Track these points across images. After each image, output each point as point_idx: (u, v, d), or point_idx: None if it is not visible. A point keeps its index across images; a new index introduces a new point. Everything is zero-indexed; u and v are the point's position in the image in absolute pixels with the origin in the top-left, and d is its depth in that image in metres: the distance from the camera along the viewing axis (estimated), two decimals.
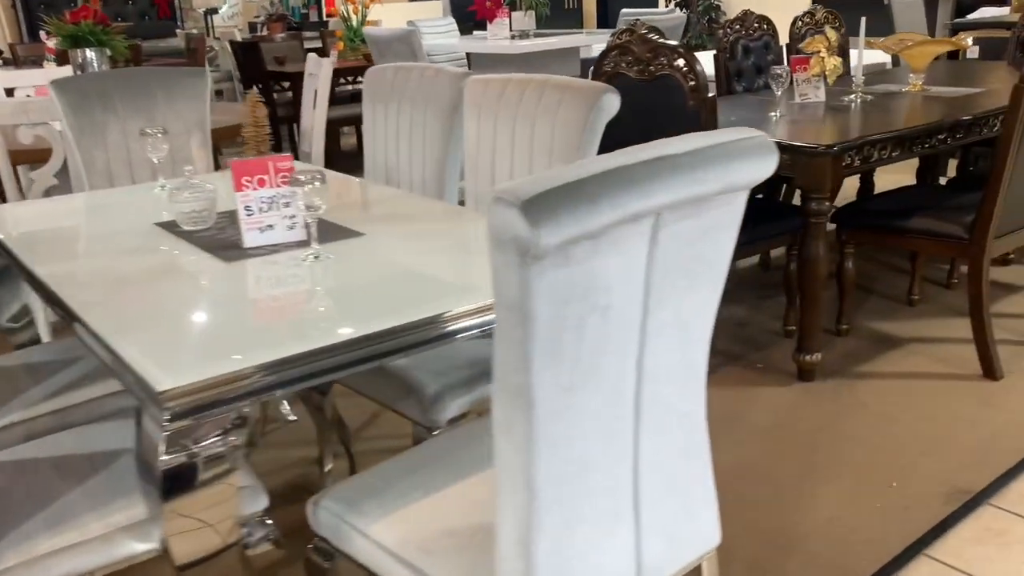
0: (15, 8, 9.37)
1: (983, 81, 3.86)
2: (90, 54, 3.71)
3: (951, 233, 2.87)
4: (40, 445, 1.70)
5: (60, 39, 3.77)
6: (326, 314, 1.48)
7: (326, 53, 7.33)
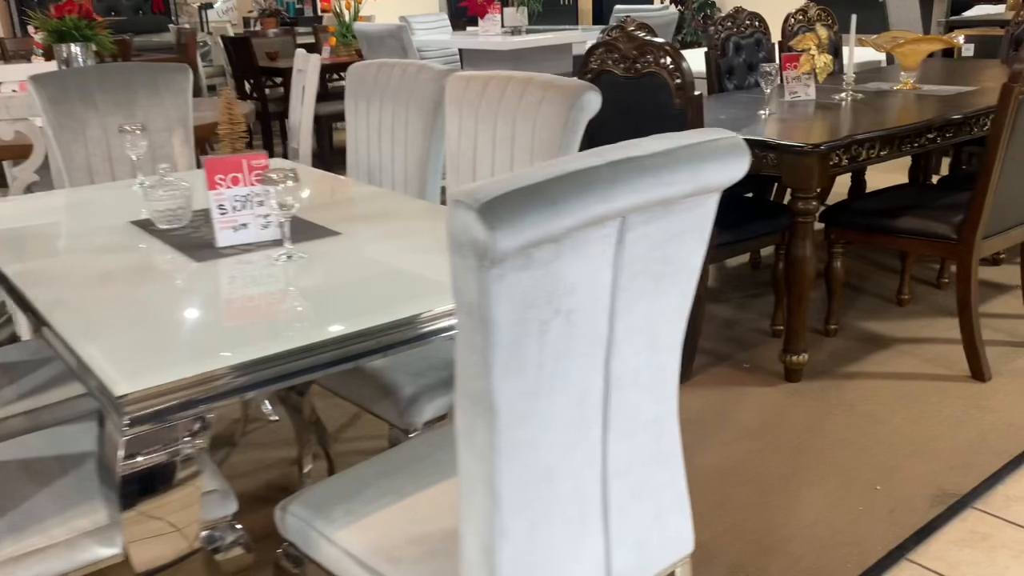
0: (7, 2, 9.32)
1: (976, 79, 3.84)
2: (75, 49, 3.68)
3: (939, 233, 2.84)
4: (10, 446, 1.67)
5: (45, 34, 3.73)
6: (297, 315, 1.46)
7: (319, 49, 7.30)
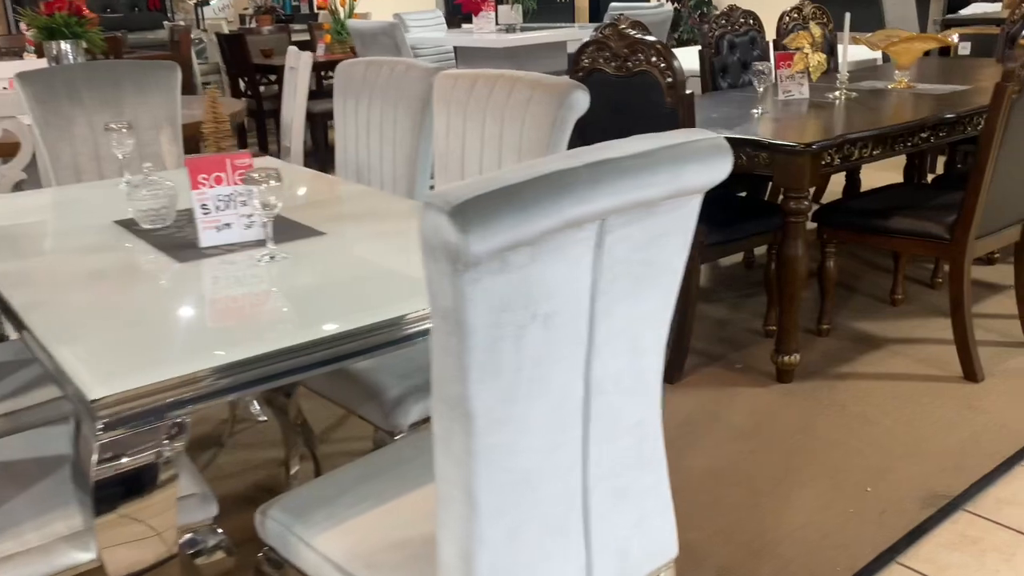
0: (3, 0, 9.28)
1: (971, 78, 3.82)
2: (65, 46, 3.66)
3: (932, 233, 2.82)
4: None
5: (35, 31, 3.71)
6: (280, 316, 1.44)
7: (313, 46, 7.27)
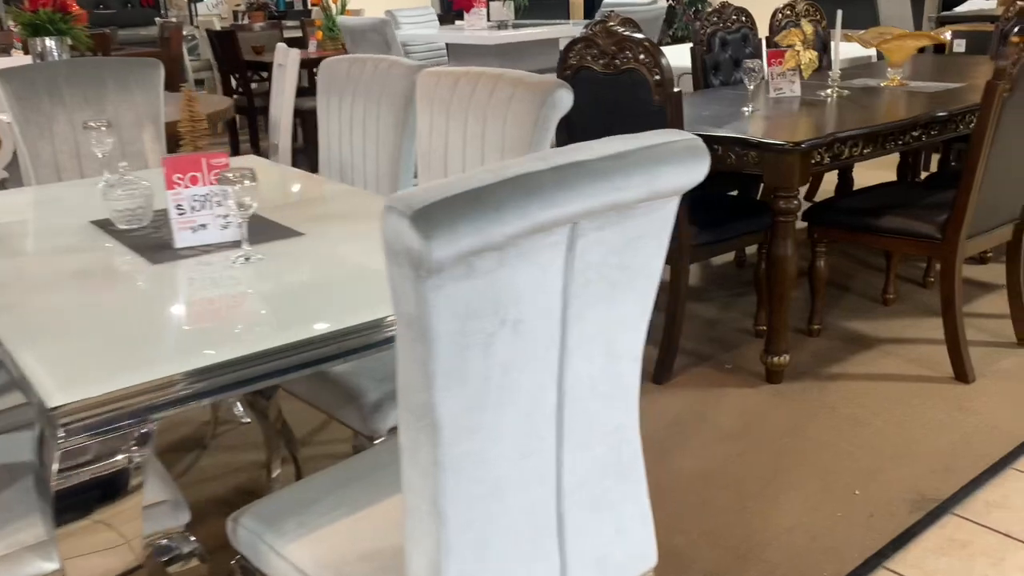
0: None
1: (965, 76, 3.80)
2: (50, 43, 3.61)
3: (923, 232, 2.80)
4: None
5: (20, 27, 3.67)
6: (254, 319, 1.41)
7: (306, 43, 7.23)
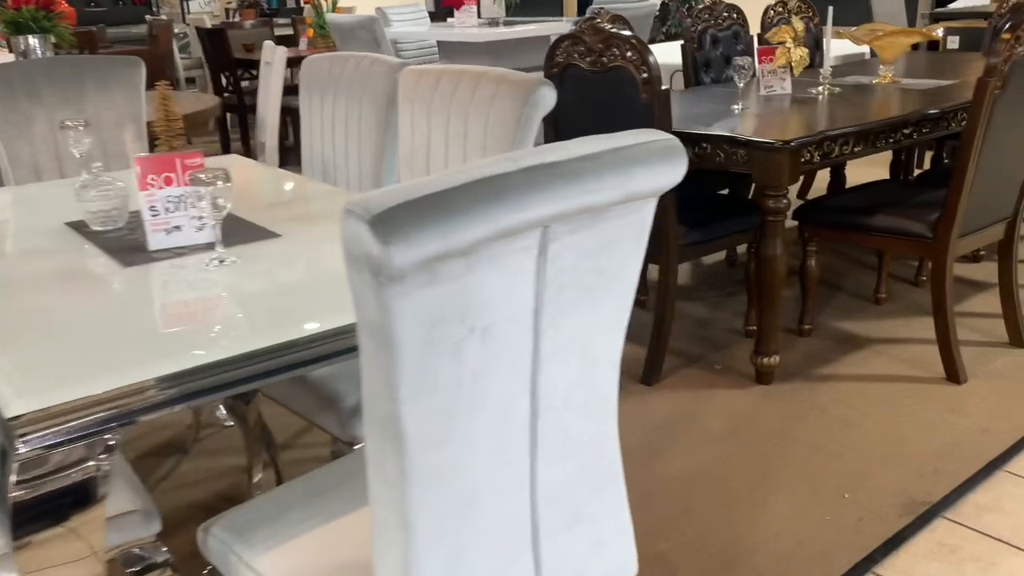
0: None
1: (958, 73, 3.77)
2: (32, 41, 3.57)
3: (914, 232, 2.77)
4: None
5: (3, 25, 3.62)
6: (228, 323, 1.37)
7: (297, 41, 7.19)
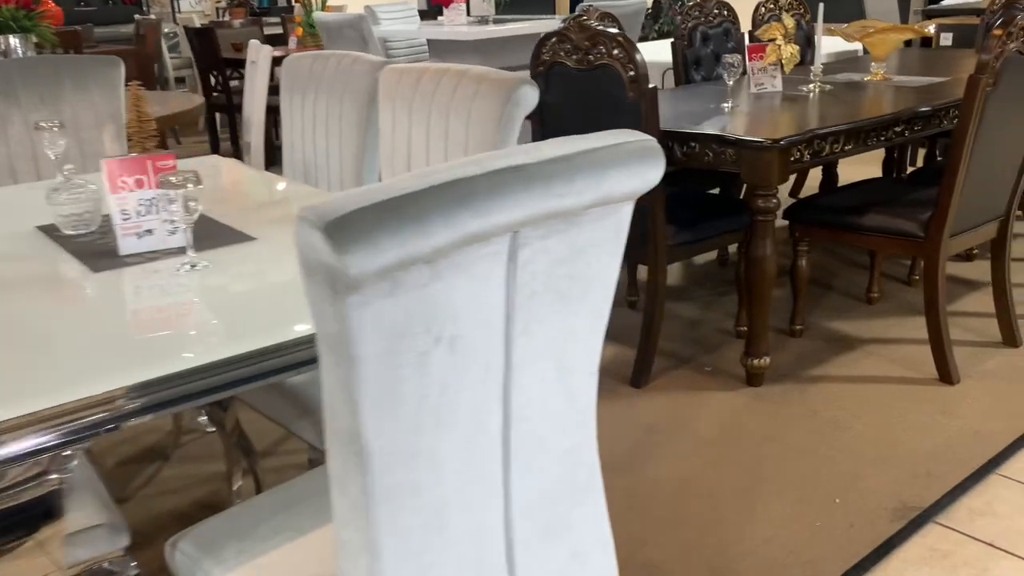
0: None
1: (951, 70, 3.73)
2: (13, 41, 3.52)
3: (906, 231, 2.73)
4: None
5: None
6: (200, 330, 1.33)
7: (286, 40, 7.14)
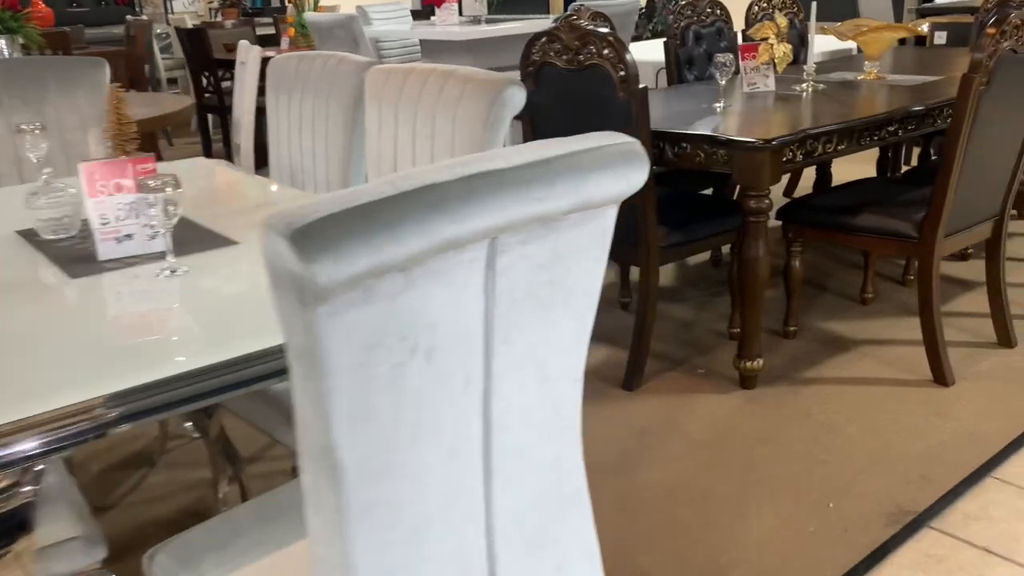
0: None
1: (945, 68, 3.71)
2: (0, 42, 3.49)
3: (900, 231, 2.70)
4: None
5: None
6: (181, 337, 1.30)
7: (278, 40, 7.11)
